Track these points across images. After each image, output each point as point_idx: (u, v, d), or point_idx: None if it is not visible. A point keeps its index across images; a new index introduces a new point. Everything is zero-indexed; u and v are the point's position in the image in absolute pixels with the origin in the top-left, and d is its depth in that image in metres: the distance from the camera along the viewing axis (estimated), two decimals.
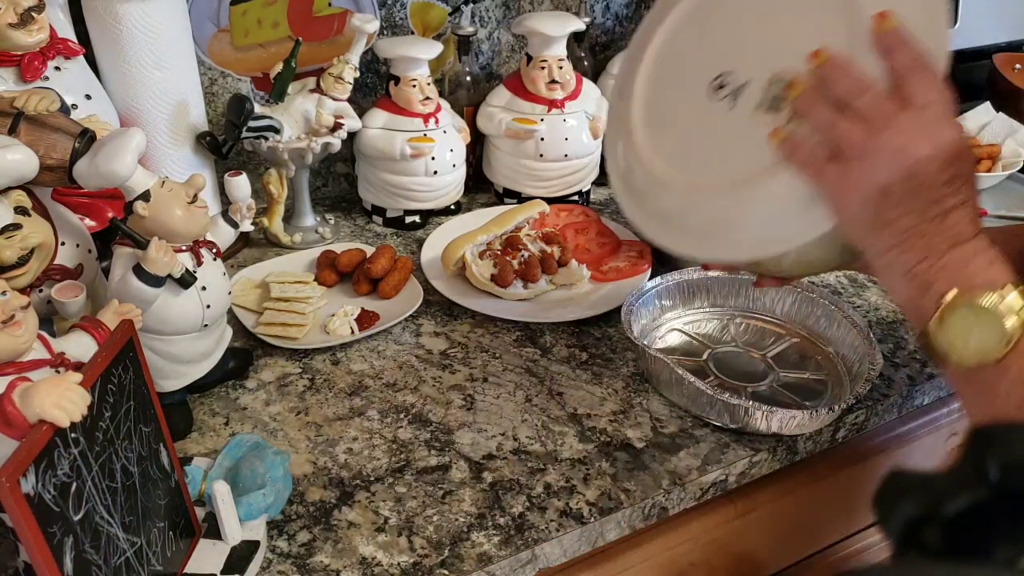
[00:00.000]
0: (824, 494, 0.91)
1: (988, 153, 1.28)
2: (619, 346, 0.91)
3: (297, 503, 0.70)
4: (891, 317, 0.98)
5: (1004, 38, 1.57)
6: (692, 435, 0.79)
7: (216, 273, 0.75)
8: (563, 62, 1.13)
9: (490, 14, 1.24)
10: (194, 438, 0.77)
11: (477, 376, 0.86)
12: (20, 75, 0.80)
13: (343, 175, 1.24)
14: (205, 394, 0.82)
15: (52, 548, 0.48)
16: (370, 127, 1.09)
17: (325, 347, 0.89)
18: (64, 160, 0.67)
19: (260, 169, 1.09)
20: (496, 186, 1.21)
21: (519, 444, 0.77)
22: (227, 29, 1.08)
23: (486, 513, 0.70)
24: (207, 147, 0.99)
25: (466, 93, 1.21)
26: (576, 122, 1.14)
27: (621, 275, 1.02)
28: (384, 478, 0.73)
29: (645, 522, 0.74)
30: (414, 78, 1.07)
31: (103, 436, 0.53)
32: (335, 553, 0.66)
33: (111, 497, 0.54)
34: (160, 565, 0.59)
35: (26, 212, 0.66)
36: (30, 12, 0.79)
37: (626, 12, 1.35)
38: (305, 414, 0.81)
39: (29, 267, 0.66)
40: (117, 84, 0.92)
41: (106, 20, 0.88)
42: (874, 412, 0.85)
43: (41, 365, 0.56)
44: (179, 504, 0.63)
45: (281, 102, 1.03)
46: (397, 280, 0.98)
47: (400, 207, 1.13)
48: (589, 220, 1.13)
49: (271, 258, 1.05)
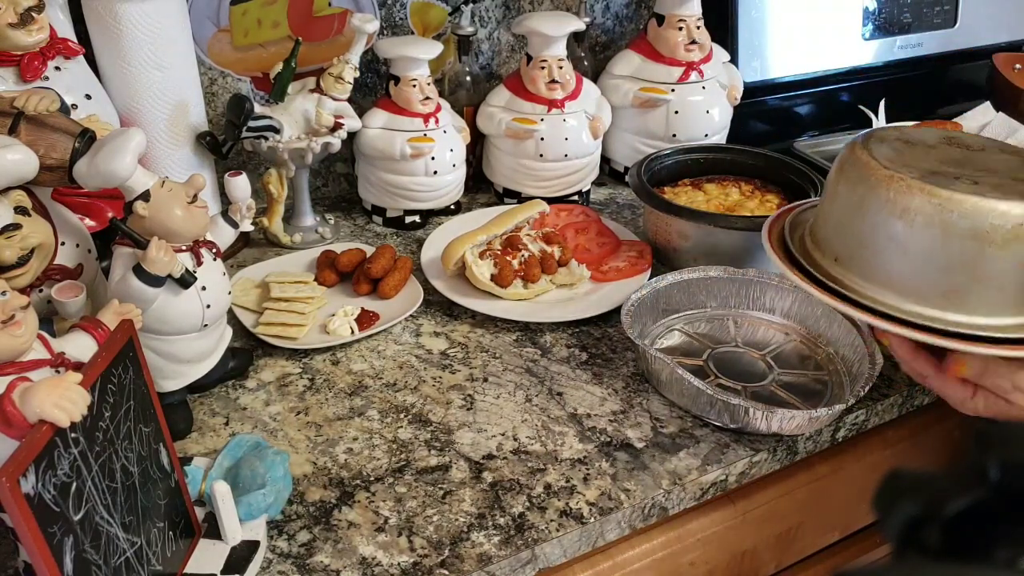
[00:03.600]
0: (824, 494, 0.91)
1: None
2: (619, 346, 0.91)
3: (297, 503, 0.71)
4: None
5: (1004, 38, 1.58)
6: (692, 435, 0.79)
7: (216, 273, 0.75)
8: (563, 62, 1.13)
9: (490, 14, 1.24)
10: (194, 438, 0.77)
11: (477, 376, 0.86)
12: (20, 75, 0.80)
13: (343, 175, 1.24)
14: (205, 394, 0.82)
15: (52, 548, 0.48)
16: (370, 127, 1.09)
17: (325, 347, 0.89)
18: (64, 160, 0.67)
19: (260, 169, 1.09)
20: (496, 186, 1.21)
21: (519, 444, 0.77)
22: (227, 29, 1.08)
23: (486, 513, 0.70)
24: (207, 147, 0.99)
25: (466, 93, 1.21)
26: (576, 122, 1.14)
27: (621, 275, 1.02)
28: (384, 478, 0.73)
29: (645, 522, 0.74)
30: (414, 78, 1.07)
31: (103, 436, 0.53)
32: (335, 553, 0.66)
33: (111, 497, 0.54)
34: (160, 565, 0.59)
35: (26, 212, 0.66)
36: (30, 12, 0.79)
37: (626, 12, 1.35)
38: (305, 414, 0.81)
39: (29, 267, 0.66)
40: (117, 84, 0.92)
41: (106, 20, 0.88)
42: (874, 412, 0.85)
43: (41, 365, 0.56)
44: (179, 504, 0.63)
45: (281, 102, 1.03)
46: (397, 280, 0.98)
47: (400, 207, 1.13)
48: (589, 220, 1.13)
49: (271, 258, 1.05)
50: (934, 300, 0.64)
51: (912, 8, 1.47)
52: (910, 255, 0.64)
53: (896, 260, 0.65)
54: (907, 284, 0.65)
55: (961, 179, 0.64)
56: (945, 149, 0.70)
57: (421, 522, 0.69)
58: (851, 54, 1.44)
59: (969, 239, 0.62)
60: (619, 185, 1.28)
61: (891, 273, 0.65)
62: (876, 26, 1.45)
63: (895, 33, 1.46)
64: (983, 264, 0.62)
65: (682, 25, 1.16)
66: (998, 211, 0.61)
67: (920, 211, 0.62)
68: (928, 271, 0.64)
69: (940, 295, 0.64)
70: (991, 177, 0.65)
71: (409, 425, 0.79)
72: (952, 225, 0.61)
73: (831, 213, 0.71)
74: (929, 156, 0.69)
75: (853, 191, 0.67)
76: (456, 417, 0.81)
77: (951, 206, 0.61)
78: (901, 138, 0.71)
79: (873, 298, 0.66)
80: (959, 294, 0.64)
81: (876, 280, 0.66)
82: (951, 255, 0.63)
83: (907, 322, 0.64)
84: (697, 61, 1.19)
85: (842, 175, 0.70)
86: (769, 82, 1.36)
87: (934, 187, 0.62)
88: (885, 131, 0.72)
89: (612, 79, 1.23)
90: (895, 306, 0.65)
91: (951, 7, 1.51)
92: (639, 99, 1.19)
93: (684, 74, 1.18)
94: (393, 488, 0.72)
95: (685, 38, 1.17)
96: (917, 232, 0.63)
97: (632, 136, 1.24)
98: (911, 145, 0.70)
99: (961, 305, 0.64)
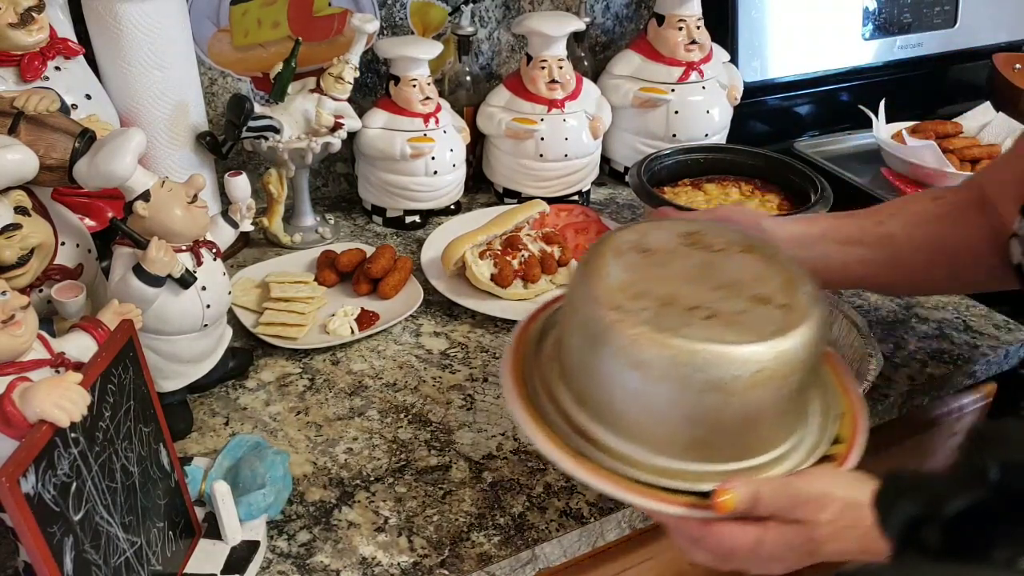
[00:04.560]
0: None
1: (988, 153, 1.28)
2: None
3: (297, 503, 0.71)
4: (891, 317, 0.98)
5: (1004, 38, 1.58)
6: None
7: (216, 273, 0.75)
8: (563, 62, 1.13)
9: (490, 14, 1.24)
10: (194, 438, 0.77)
11: (477, 376, 0.86)
12: (20, 75, 0.80)
13: (343, 175, 1.24)
14: (205, 394, 0.82)
15: (52, 548, 0.48)
16: (370, 127, 1.08)
17: (325, 347, 0.89)
18: (64, 160, 0.67)
19: (260, 169, 1.09)
20: (496, 186, 1.21)
21: (519, 444, 0.77)
22: (227, 29, 1.08)
23: (486, 513, 0.70)
24: (207, 147, 0.99)
25: (466, 93, 1.21)
26: (576, 122, 1.14)
27: None
28: (384, 478, 0.73)
29: (645, 522, 0.74)
30: (414, 78, 1.07)
31: (103, 436, 0.53)
32: (335, 553, 0.66)
33: (111, 497, 0.54)
34: (160, 565, 0.59)
35: (26, 212, 0.66)
36: (30, 12, 0.79)
37: (626, 12, 1.35)
38: (305, 414, 0.81)
39: (29, 267, 0.66)
40: (117, 84, 0.92)
41: (106, 20, 0.88)
42: (874, 412, 0.85)
43: (41, 365, 0.56)
44: (179, 504, 0.63)
45: (281, 102, 1.03)
46: (397, 280, 0.98)
47: (400, 207, 1.13)
48: (589, 220, 1.12)
49: (271, 258, 1.05)
50: (685, 452, 0.58)
51: (912, 8, 1.47)
52: (652, 409, 0.57)
53: (638, 412, 0.58)
54: (656, 437, 0.58)
55: (698, 310, 0.58)
56: (686, 255, 0.63)
57: (421, 522, 0.69)
58: (851, 54, 1.44)
59: (709, 392, 0.55)
60: (619, 185, 1.28)
61: (637, 425, 0.58)
62: (876, 26, 1.45)
63: (895, 33, 1.46)
64: (728, 413, 0.56)
65: (682, 25, 1.17)
66: (736, 360, 0.55)
67: (654, 364, 0.55)
68: (674, 423, 0.57)
69: (688, 447, 0.58)
70: (731, 299, 0.59)
71: (409, 425, 0.79)
72: (689, 379, 0.55)
73: (571, 341, 0.62)
74: (668, 271, 0.61)
75: (586, 331, 0.59)
76: (456, 417, 0.81)
77: (685, 358, 0.55)
78: (639, 246, 0.63)
79: (623, 455, 0.58)
80: (711, 444, 0.58)
81: (624, 433, 0.58)
82: (693, 408, 0.56)
83: (663, 488, 0.57)
84: (697, 61, 1.19)
85: (574, 310, 0.61)
86: (769, 82, 1.36)
87: (666, 337, 0.55)
88: (623, 236, 0.64)
89: (612, 79, 1.23)
90: (644, 463, 0.58)
91: (951, 7, 1.51)
92: (639, 99, 1.19)
93: (684, 74, 1.18)
94: (393, 488, 0.72)
95: (685, 38, 1.17)
96: (653, 386, 0.56)
97: (632, 136, 1.24)
98: (649, 255, 0.62)
99: (713, 454, 0.58)
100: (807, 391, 0.62)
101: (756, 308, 0.59)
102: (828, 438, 0.62)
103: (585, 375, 0.60)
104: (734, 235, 0.65)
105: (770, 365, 0.55)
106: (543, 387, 0.63)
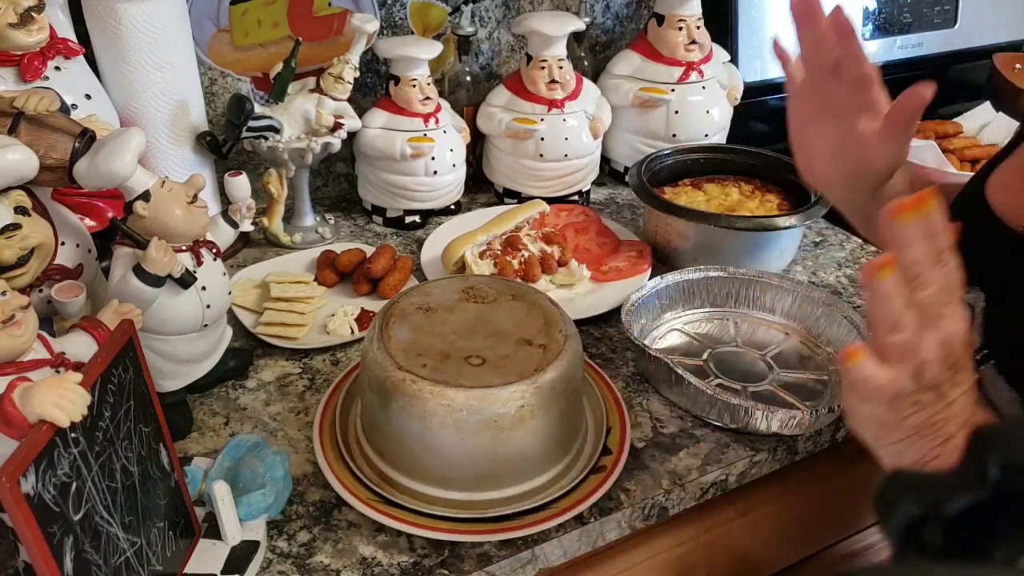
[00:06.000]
0: (824, 494, 0.91)
1: (988, 153, 1.28)
2: (619, 346, 0.91)
3: (297, 503, 0.70)
4: None
5: (1004, 38, 1.58)
6: (692, 435, 0.79)
7: (216, 273, 0.75)
8: (563, 62, 1.13)
9: (490, 14, 1.24)
10: (194, 438, 0.77)
11: None
12: (20, 75, 0.80)
13: (343, 175, 1.24)
14: (205, 394, 0.82)
15: (52, 548, 0.48)
16: (370, 127, 1.09)
17: (325, 347, 0.89)
18: (64, 160, 0.67)
19: (260, 169, 1.09)
20: (496, 186, 1.21)
21: None
22: (227, 29, 1.08)
23: None
24: (207, 147, 0.99)
25: (466, 93, 1.21)
26: (576, 122, 1.14)
27: (621, 275, 1.02)
28: None
29: (645, 522, 0.74)
30: (414, 78, 1.07)
31: (103, 436, 0.53)
32: (335, 553, 0.66)
33: (111, 497, 0.54)
34: (160, 565, 0.59)
35: (26, 212, 0.66)
36: (30, 12, 0.79)
37: (626, 12, 1.35)
38: (305, 414, 0.81)
39: (29, 267, 0.66)
40: (117, 84, 0.92)
41: (106, 20, 0.88)
42: None
43: (41, 365, 0.56)
44: (179, 504, 0.63)
45: (281, 102, 1.03)
46: (397, 280, 0.98)
47: (400, 207, 1.13)
48: (589, 220, 1.13)
49: (271, 258, 1.05)
50: (476, 484, 0.67)
51: (912, 8, 1.47)
52: (439, 452, 0.66)
53: (428, 457, 0.66)
54: (446, 475, 0.67)
55: (472, 359, 0.67)
56: (463, 310, 0.73)
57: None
58: None
59: (483, 430, 0.65)
60: (619, 185, 1.28)
61: (428, 468, 0.67)
62: (876, 26, 1.45)
63: (895, 33, 1.47)
64: (503, 446, 0.66)
65: (682, 25, 1.17)
66: (500, 399, 0.64)
67: (434, 414, 0.64)
68: (460, 462, 0.66)
69: (476, 480, 0.67)
70: (500, 345, 0.69)
71: None
72: (464, 422, 0.64)
73: (367, 398, 0.71)
74: (447, 327, 0.71)
75: (378, 389, 0.68)
76: None
77: (459, 404, 0.64)
78: (423, 305, 0.73)
79: (422, 494, 0.68)
80: (494, 476, 0.67)
81: (419, 476, 0.68)
82: (473, 447, 0.65)
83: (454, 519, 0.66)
84: (697, 61, 1.19)
85: (367, 371, 0.70)
86: (769, 82, 1.36)
87: (443, 388, 0.64)
88: (410, 299, 0.74)
89: (612, 79, 1.23)
90: (440, 499, 0.67)
91: (951, 7, 1.51)
92: (639, 99, 1.19)
93: (684, 74, 1.18)
94: None
95: (685, 38, 1.17)
96: (436, 432, 0.65)
97: (632, 136, 1.24)
98: (431, 314, 0.72)
99: (496, 483, 0.67)
100: (574, 413, 0.72)
101: (520, 351, 0.69)
102: (599, 450, 0.73)
103: (381, 429, 0.69)
104: (503, 285, 0.77)
105: (531, 400, 0.65)
106: (354, 439, 0.73)
